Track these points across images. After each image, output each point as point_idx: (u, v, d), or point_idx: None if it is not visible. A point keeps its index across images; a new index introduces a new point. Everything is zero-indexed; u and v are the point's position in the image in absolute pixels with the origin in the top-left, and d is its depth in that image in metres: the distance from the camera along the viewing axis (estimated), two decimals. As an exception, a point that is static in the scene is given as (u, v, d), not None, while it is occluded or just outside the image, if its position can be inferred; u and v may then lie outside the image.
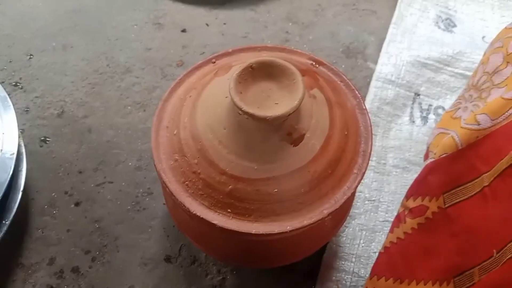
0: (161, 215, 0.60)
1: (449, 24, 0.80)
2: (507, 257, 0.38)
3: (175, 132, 0.42)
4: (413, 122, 0.69)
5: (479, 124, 0.48)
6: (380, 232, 0.59)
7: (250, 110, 0.36)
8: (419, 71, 0.73)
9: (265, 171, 0.39)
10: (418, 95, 0.71)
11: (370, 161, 0.65)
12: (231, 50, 0.49)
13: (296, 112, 0.37)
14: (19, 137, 0.59)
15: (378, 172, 0.65)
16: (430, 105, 0.71)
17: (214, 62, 0.48)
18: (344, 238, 0.59)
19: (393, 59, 0.74)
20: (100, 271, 0.57)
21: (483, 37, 0.78)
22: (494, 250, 0.40)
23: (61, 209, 0.61)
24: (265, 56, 0.39)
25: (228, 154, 0.39)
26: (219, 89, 0.40)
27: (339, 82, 0.47)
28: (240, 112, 0.37)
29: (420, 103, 0.71)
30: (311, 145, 0.39)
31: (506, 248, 0.39)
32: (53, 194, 0.62)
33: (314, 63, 0.47)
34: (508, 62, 0.50)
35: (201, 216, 0.40)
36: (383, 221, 0.60)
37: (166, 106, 0.45)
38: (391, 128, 0.69)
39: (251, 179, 0.39)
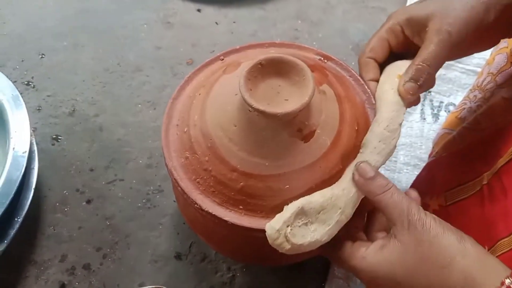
0: (171, 212, 0.60)
1: (460, 20, 0.79)
2: (496, 255, 0.38)
3: (185, 130, 0.42)
4: (424, 119, 0.69)
5: (479, 124, 0.47)
6: (391, 229, 0.59)
7: (261, 107, 0.36)
8: (430, 68, 0.72)
9: (276, 167, 0.39)
10: (429, 92, 0.71)
11: (380, 159, 0.65)
12: (239, 47, 0.49)
13: (306, 108, 0.37)
14: (31, 135, 0.60)
15: (389, 170, 0.64)
16: (441, 102, 0.70)
17: (223, 59, 0.48)
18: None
19: (403, 56, 0.73)
20: (111, 268, 0.57)
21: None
22: (486, 247, 0.40)
23: (72, 206, 0.61)
24: (273, 53, 0.39)
25: (239, 151, 0.39)
26: (229, 87, 0.40)
27: (348, 77, 0.46)
28: (250, 109, 0.37)
29: (431, 100, 0.70)
30: (322, 141, 0.39)
31: (496, 246, 0.39)
32: (65, 191, 0.62)
33: (322, 58, 0.47)
34: (511, 63, 0.49)
35: (213, 213, 0.40)
36: (394, 218, 0.59)
37: (176, 104, 0.45)
38: (402, 126, 0.67)
39: (262, 175, 0.39)
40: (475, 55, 0.72)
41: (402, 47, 0.44)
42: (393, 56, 0.44)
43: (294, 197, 0.38)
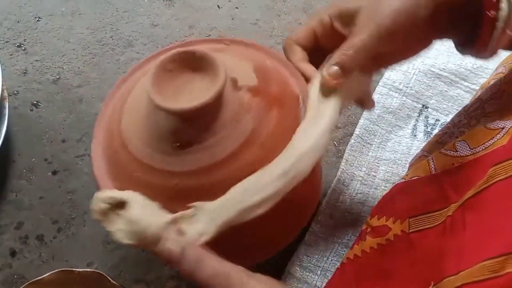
0: (132, 196, 0.59)
1: (476, 34, 0.73)
2: None
3: (119, 106, 0.42)
4: (415, 136, 0.64)
5: (456, 151, 0.43)
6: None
7: (156, 99, 0.34)
8: (431, 82, 0.67)
9: (166, 163, 0.37)
10: (426, 107, 0.66)
11: (359, 171, 0.62)
12: (194, 40, 0.46)
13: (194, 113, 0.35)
14: (4, 99, 0.60)
15: (365, 184, 0.61)
16: (437, 120, 0.65)
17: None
18: (314, 248, 0.56)
19: (405, 65, 0.68)
20: (63, 242, 0.56)
21: (513, 54, 0.71)
22: (432, 282, 0.37)
23: (38, 175, 0.61)
24: (196, 47, 0.38)
25: (137, 140, 0.38)
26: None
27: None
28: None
29: (426, 117, 0.66)
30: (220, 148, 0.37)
31: (441, 283, 0.35)
32: (34, 159, 0.62)
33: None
34: (504, 91, 0.45)
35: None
36: (359, 237, 0.56)
37: (122, 85, 0.44)
38: (390, 139, 0.64)
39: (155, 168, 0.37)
40: (483, 74, 0.67)
41: (331, 41, 0.42)
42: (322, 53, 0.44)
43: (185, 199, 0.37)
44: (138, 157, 0.37)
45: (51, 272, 0.49)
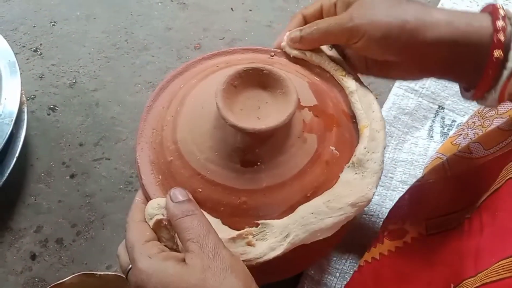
0: (150, 199, 0.59)
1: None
2: None
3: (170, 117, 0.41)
4: (432, 137, 0.64)
5: (471, 153, 0.43)
6: (371, 250, 0.55)
7: (228, 117, 0.34)
8: (447, 83, 0.67)
9: (232, 180, 0.37)
10: (442, 108, 0.66)
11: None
12: (236, 48, 0.47)
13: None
14: (23, 104, 0.60)
15: (383, 186, 0.60)
16: (454, 121, 0.65)
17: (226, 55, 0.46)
18: (333, 251, 0.56)
19: (421, 66, 0.68)
20: (82, 245, 0.57)
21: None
22: (452, 285, 0.37)
23: (56, 179, 0.61)
24: (243, 55, 0.38)
25: (199, 155, 0.38)
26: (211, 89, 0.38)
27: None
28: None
29: (443, 118, 0.65)
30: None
31: (461, 285, 0.35)
32: (51, 163, 0.62)
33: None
34: None
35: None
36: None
37: (169, 87, 0.46)
38: (406, 141, 0.64)
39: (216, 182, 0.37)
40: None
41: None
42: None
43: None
44: (200, 172, 0.37)
45: (72, 275, 0.49)
